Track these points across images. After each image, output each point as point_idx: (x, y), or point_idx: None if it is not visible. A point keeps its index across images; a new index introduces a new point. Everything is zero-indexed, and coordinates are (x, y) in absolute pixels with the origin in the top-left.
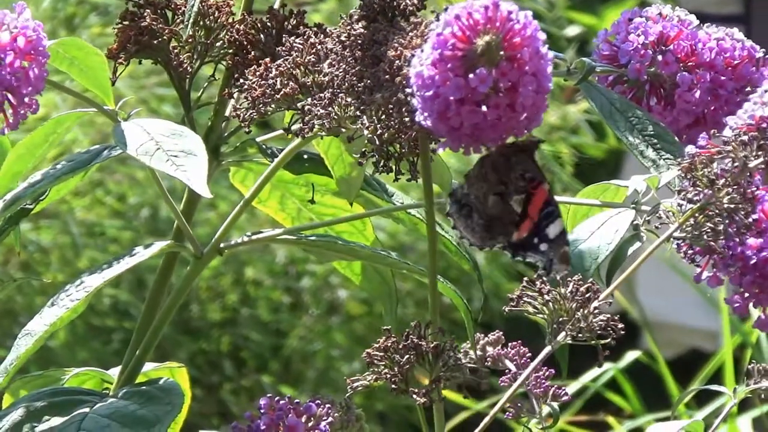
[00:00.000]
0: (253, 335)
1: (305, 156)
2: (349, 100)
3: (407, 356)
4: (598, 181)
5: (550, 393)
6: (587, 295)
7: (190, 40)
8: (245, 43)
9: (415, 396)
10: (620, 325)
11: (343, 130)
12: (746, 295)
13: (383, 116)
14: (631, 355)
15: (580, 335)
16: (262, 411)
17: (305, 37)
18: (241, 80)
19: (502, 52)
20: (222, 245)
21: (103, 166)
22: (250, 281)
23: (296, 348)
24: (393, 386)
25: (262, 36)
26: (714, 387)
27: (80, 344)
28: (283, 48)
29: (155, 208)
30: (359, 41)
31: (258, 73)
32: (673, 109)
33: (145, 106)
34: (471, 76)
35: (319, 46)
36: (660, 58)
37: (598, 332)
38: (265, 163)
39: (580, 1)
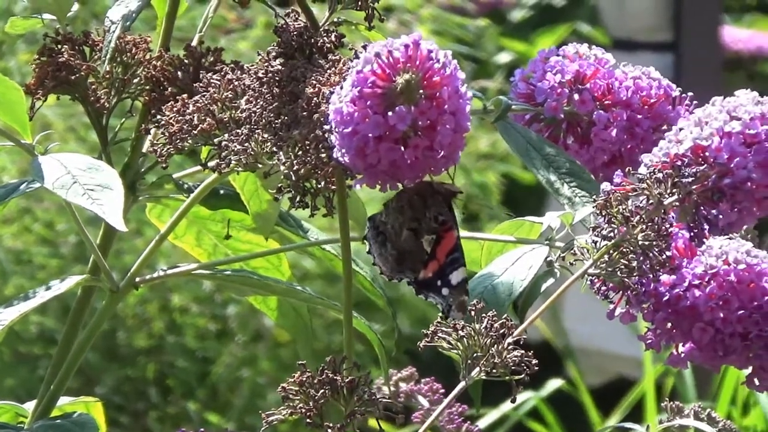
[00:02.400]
0: (179, 362)
1: (221, 191)
2: (266, 136)
3: (322, 391)
4: (528, 209)
5: (463, 429)
6: (501, 331)
7: (107, 76)
8: (162, 79)
9: (329, 431)
10: (534, 361)
11: (260, 165)
12: (659, 331)
13: (300, 152)
14: (552, 384)
15: (494, 371)
16: None
17: (222, 73)
18: (159, 116)
19: (421, 91)
20: (138, 279)
21: (30, 193)
22: (176, 308)
23: (223, 375)
24: (308, 421)
25: (179, 72)
26: (629, 425)
27: (7, 372)
28: (201, 84)
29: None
30: (277, 78)
31: (175, 109)
32: (590, 147)
33: (74, 134)
34: (390, 113)
35: (236, 83)
36: (576, 96)
37: (513, 368)
38: (182, 199)
39: (513, 28)
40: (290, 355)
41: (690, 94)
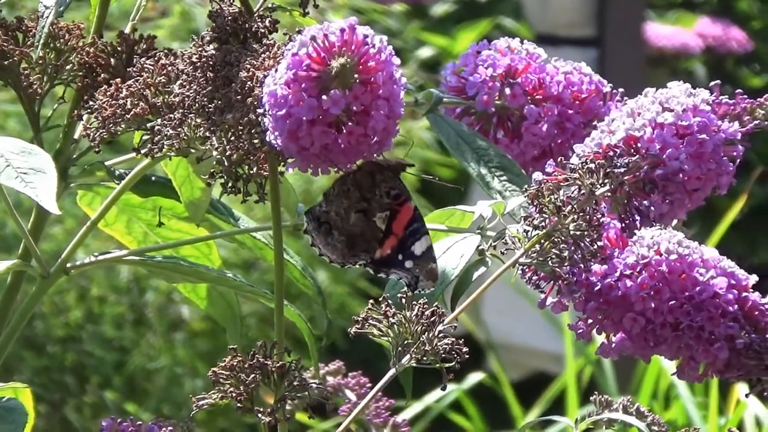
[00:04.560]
0: (96, 351)
1: (153, 178)
2: (199, 120)
3: (253, 375)
4: (448, 200)
5: (390, 423)
6: (432, 319)
7: (40, 61)
8: (95, 65)
9: (260, 415)
10: (465, 349)
11: (193, 150)
12: (590, 321)
13: (233, 137)
14: (474, 377)
15: (424, 358)
16: None
17: (156, 58)
18: (92, 101)
19: (356, 75)
20: (69, 265)
21: None
22: (94, 297)
23: (140, 364)
24: (239, 405)
25: (112, 59)
26: (556, 417)
27: None
28: (134, 69)
29: (2, 225)
30: (211, 62)
31: (109, 93)
32: (521, 141)
33: None
34: (324, 97)
35: (170, 67)
36: (508, 90)
37: (443, 355)
38: (113, 187)
39: (435, 23)
40: (207, 344)
41: (621, 90)
